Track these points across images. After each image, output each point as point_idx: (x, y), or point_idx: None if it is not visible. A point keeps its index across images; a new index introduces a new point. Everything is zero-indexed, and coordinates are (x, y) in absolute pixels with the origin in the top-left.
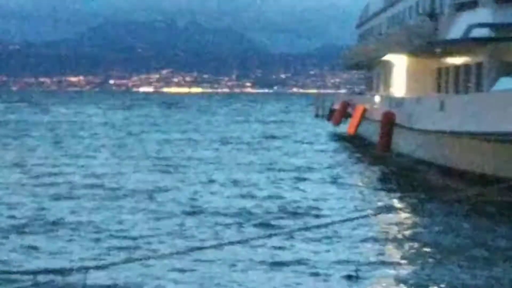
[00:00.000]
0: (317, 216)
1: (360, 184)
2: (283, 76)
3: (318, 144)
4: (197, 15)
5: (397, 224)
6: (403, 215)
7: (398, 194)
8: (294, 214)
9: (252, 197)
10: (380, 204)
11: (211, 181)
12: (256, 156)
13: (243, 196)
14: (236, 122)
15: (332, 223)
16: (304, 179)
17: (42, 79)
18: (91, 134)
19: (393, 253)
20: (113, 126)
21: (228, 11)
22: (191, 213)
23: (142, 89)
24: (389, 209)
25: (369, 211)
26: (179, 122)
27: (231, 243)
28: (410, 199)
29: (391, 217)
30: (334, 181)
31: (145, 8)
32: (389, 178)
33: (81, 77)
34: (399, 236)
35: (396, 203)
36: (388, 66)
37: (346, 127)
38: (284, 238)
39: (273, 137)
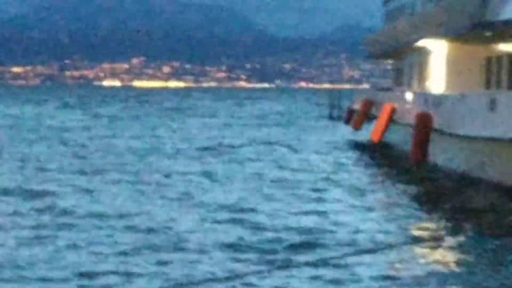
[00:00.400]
0: (331, 247)
1: (386, 206)
2: (287, 66)
3: (332, 155)
4: None
5: (430, 261)
6: (440, 249)
7: (435, 221)
8: (301, 246)
9: (251, 224)
10: (411, 233)
11: (199, 204)
12: (252, 170)
13: (237, 222)
14: (226, 125)
15: (349, 255)
16: (316, 200)
17: None
18: (38, 139)
19: None
20: (66, 129)
21: None
22: (175, 248)
23: (107, 83)
24: (421, 240)
25: (396, 242)
26: (149, 123)
27: (227, 279)
28: (451, 227)
29: (423, 251)
30: (353, 202)
31: None
32: (424, 198)
33: (28, 67)
34: (432, 277)
35: (432, 233)
36: (423, 54)
37: (370, 133)
38: (291, 273)
39: (274, 144)
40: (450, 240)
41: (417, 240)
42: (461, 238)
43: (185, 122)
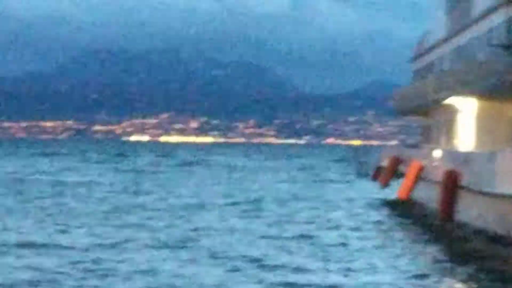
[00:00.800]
0: None
1: (411, 268)
2: (316, 122)
3: (359, 212)
4: (205, 44)
5: None
6: None
7: (462, 283)
8: None
9: (280, 280)
10: None
11: (226, 258)
12: (275, 228)
13: (266, 278)
14: (249, 181)
15: None
16: (341, 257)
17: (6, 124)
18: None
19: None
20: (99, 184)
21: (243, 40)
22: None
23: (135, 138)
24: None
25: None
26: (171, 180)
27: None
28: None
29: None
30: (379, 260)
31: (141, 34)
32: (451, 260)
33: (58, 122)
34: None
35: None
36: (451, 111)
37: (397, 190)
38: None
39: (300, 200)
40: None
41: None
42: None
43: (216, 176)
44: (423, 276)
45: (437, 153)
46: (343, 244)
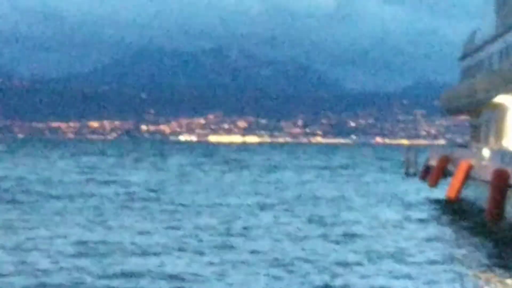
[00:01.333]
0: None
1: (461, 269)
2: (363, 122)
3: (409, 211)
4: (251, 44)
5: None
6: None
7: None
8: None
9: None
10: None
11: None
12: (321, 229)
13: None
14: (298, 183)
15: None
16: (392, 257)
17: (54, 124)
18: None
19: None
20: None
21: (291, 40)
22: None
23: (183, 137)
24: None
25: None
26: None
27: None
28: None
29: None
30: (429, 259)
31: (187, 35)
32: (502, 259)
33: (105, 122)
34: None
35: None
36: (501, 110)
37: (446, 190)
38: None
39: (348, 201)
40: None
41: None
42: None
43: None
44: (467, 272)
45: (486, 152)
46: (390, 242)
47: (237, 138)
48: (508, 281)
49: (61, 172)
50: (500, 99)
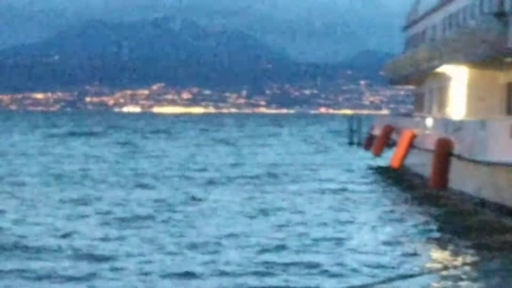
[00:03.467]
0: (348, 274)
1: (402, 235)
2: (307, 92)
3: (351, 181)
4: (195, 14)
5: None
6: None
7: (451, 248)
8: (320, 272)
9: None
10: (429, 264)
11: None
12: (261, 199)
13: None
14: (239, 155)
15: (372, 284)
16: (335, 223)
17: None
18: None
19: None
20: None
21: (234, 10)
22: None
23: (127, 109)
24: (437, 269)
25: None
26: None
27: None
28: (468, 256)
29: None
30: (371, 230)
31: (130, 5)
32: (443, 227)
33: (49, 94)
34: None
35: (451, 260)
36: (444, 80)
37: (390, 159)
38: None
39: (295, 168)
40: (466, 266)
41: (434, 269)
42: (476, 265)
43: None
44: (410, 241)
45: (429, 122)
46: (335, 209)
47: (181, 109)
48: (449, 247)
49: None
50: (443, 68)
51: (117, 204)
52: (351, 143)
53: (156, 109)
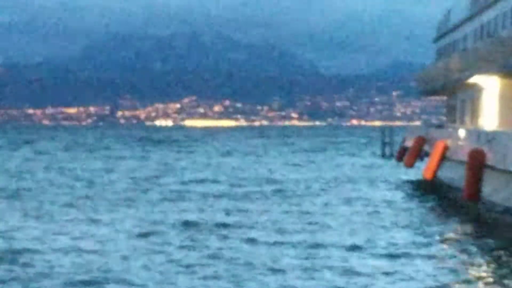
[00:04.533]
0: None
1: (436, 248)
2: (339, 104)
3: (386, 191)
4: (226, 27)
5: None
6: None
7: (487, 258)
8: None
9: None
10: (464, 278)
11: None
12: (287, 214)
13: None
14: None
15: None
16: (367, 236)
17: (29, 111)
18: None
19: None
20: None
21: (265, 23)
22: None
23: (159, 122)
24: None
25: (449, 281)
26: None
27: None
28: (499, 269)
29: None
30: (405, 239)
31: (162, 20)
32: (477, 237)
33: (80, 108)
34: None
35: (484, 277)
36: (476, 90)
37: (422, 170)
38: None
39: (328, 181)
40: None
41: (469, 280)
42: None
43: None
44: (444, 252)
45: (462, 133)
46: (367, 220)
47: (212, 122)
48: (485, 260)
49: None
50: (475, 79)
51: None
52: (383, 155)
53: (188, 122)
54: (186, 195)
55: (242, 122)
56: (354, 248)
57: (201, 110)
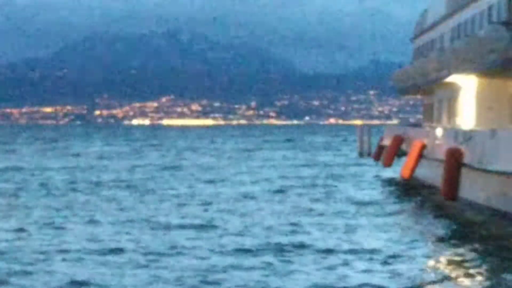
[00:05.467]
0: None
1: (414, 248)
2: (316, 103)
3: (361, 193)
4: (204, 27)
5: None
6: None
7: (463, 257)
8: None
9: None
10: (439, 277)
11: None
12: (271, 208)
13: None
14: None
15: None
16: (344, 234)
17: (7, 110)
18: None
19: None
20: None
21: (242, 21)
22: None
23: (136, 121)
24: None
25: (425, 279)
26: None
27: None
28: (479, 267)
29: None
30: (381, 237)
31: (139, 18)
32: (455, 237)
33: (58, 107)
34: None
35: (461, 275)
36: (453, 90)
37: (400, 169)
38: None
39: (305, 180)
40: (479, 278)
41: (446, 278)
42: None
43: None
44: (420, 249)
45: (439, 132)
46: (344, 220)
47: (190, 122)
48: (463, 259)
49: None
50: (452, 78)
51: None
52: (361, 154)
53: (166, 122)
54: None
55: (220, 121)
56: (331, 250)
57: (179, 109)
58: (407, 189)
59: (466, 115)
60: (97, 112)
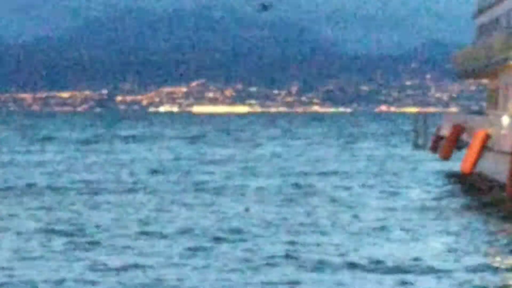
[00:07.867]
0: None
1: (476, 245)
2: (365, 88)
3: (417, 188)
4: (238, 2)
5: None
6: None
7: None
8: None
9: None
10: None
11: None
12: (298, 212)
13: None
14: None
15: None
16: (392, 240)
17: (19, 95)
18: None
19: None
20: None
21: None
22: None
23: (163, 108)
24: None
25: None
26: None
27: None
28: None
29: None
30: (439, 239)
31: None
32: None
33: (75, 92)
34: None
35: None
36: None
37: (460, 162)
38: None
39: (357, 174)
40: None
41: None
42: None
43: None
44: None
45: (506, 120)
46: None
47: (223, 109)
48: None
49: None
50: None
51: None
52: (416, 145)
53: (196, 109)
54: None
55: (257, 109)
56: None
57: (211, 95)
58: (468, 185)
59: None
60: (119, 98)
